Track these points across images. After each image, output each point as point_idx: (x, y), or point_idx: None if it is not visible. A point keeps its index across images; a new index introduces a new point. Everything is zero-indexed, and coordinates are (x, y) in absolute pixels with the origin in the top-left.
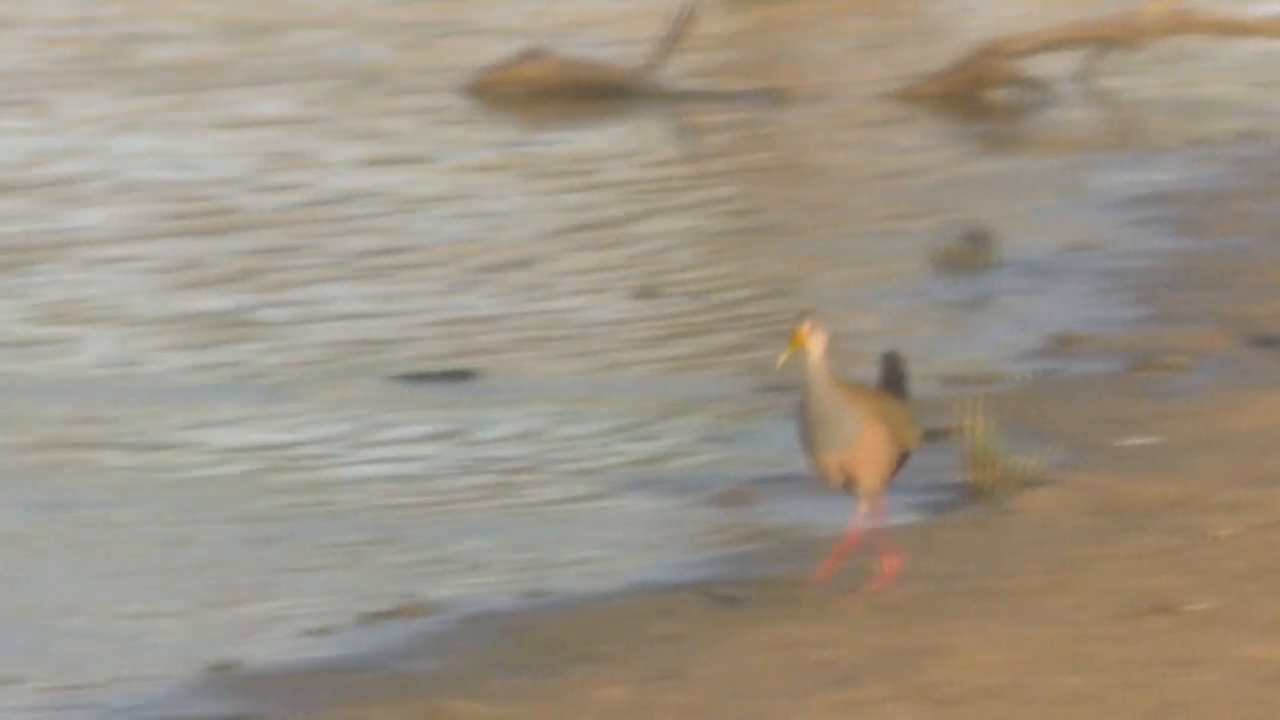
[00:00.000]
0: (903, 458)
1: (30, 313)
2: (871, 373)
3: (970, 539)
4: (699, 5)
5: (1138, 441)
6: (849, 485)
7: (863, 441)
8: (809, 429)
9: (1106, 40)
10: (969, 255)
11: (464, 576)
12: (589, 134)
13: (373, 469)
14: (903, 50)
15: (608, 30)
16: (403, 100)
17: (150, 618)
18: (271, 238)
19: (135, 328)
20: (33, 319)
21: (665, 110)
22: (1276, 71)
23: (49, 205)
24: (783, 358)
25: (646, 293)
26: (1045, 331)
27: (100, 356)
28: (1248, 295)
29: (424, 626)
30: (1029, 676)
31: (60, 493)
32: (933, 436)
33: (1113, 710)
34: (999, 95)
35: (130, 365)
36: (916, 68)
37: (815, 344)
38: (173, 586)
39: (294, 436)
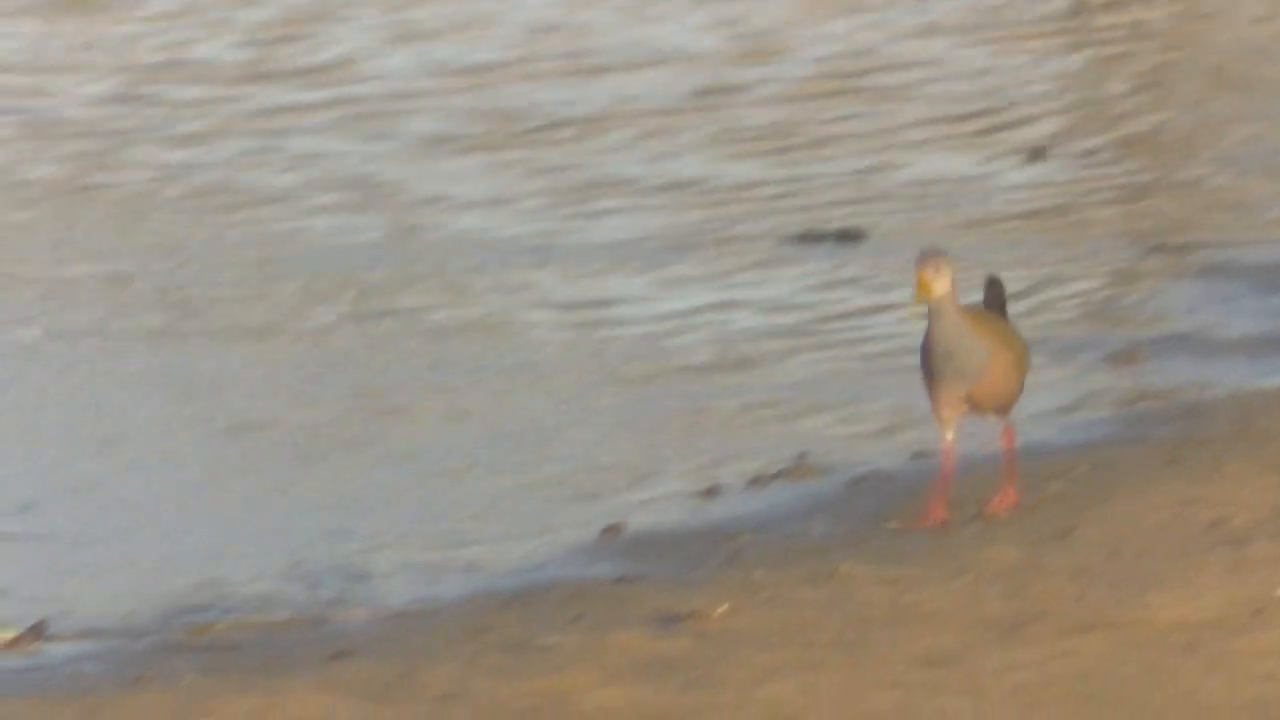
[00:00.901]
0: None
1: (538, 184)
2: None
3: None
4: None
5: None
6: (971, 413)
7: (990, 371)
8: (936, 362)
9: None
10: None
11: (853, 438)
12: None
13: (764, 330)
14: None
15: None
16: None
17: (543, 479)
18: (754, 109)
19: (609, 197)
20: (540, 192)
21: None
22: None
23: (559, 80)
24: (912, 308)
25: (1037, 154)
26: None
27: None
28: None
29: (813, 488)
30: None
31: (472, 356)
32: None
33: None
34: None
35: (577, 232)
36: None
37: (941, 283)
38: (565, 449)
39: (691, 298)
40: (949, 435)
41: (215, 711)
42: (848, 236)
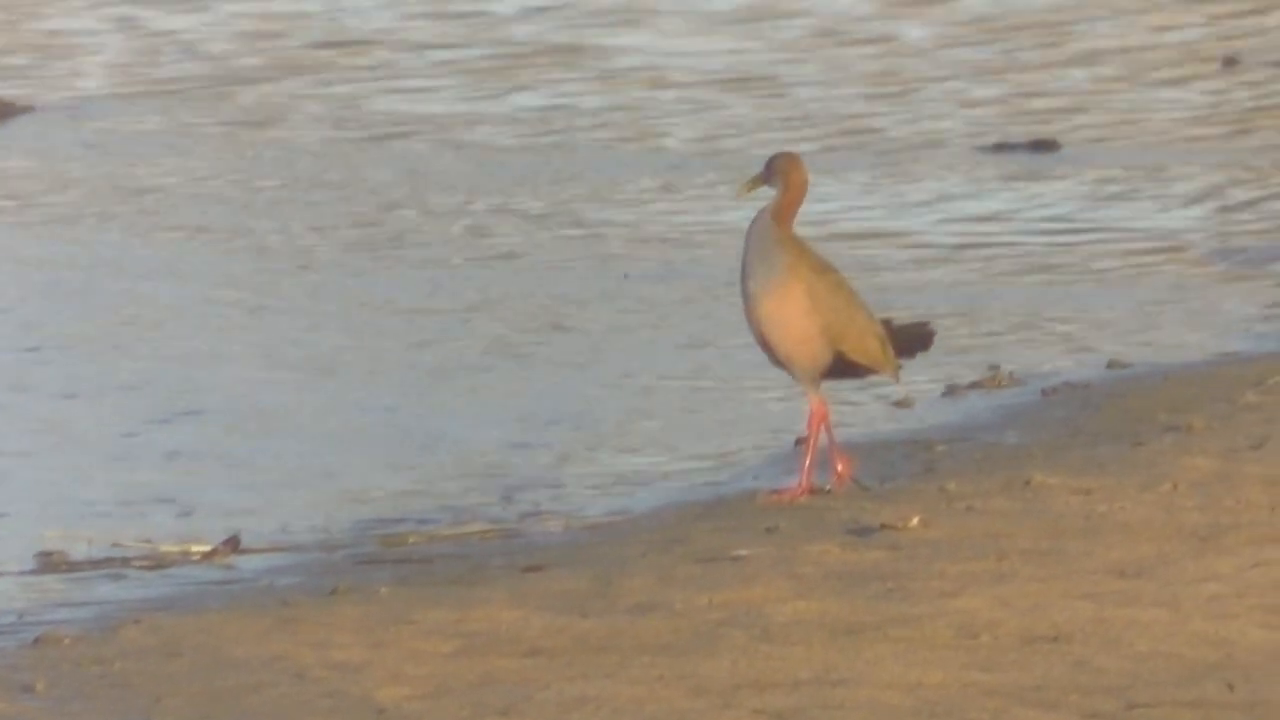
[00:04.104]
0: (847, 364)
1: None
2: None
3: None
4: None
5: None
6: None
7: (774, 289)
8: (742, 269)
9: None
10: None
11: (1045, 348)
12: None
13: (953, 239)
14: None
15: None
16: None
17: (734, 390)
18: None
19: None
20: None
21: None
22: None
23: None
24: (743, 189)
25: (1230, 62)
26: None
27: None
28: None
29: (1007, 398)
30: None
31: (656, 268)
32: None
33: None
34: None
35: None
36: None
37: (781, 187)
38: (756, 360)
39: (880, 205)
40: (813, 395)
41: (411, 623)
42: (1041, 147)
